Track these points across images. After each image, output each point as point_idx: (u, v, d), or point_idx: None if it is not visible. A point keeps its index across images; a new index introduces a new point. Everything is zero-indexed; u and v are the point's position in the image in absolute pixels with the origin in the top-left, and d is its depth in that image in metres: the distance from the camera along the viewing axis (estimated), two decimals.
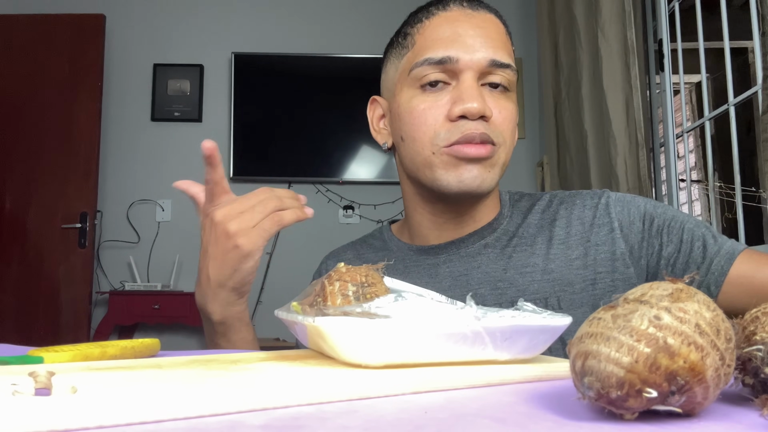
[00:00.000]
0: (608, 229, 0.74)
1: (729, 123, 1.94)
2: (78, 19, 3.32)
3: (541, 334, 0.41)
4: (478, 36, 0.71)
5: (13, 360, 0.43)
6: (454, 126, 0.70)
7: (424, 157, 0.72)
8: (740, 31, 2.23)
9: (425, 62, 0.71)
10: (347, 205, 3.44)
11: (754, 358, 0.30)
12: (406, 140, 0.74)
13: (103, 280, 3.35)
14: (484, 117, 0.70)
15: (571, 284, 0.72)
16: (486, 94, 0.71)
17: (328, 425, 0.27)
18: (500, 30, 0.75)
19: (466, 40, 0.71)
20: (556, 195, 0.81)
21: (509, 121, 0.73)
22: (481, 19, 0.73)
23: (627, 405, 0.26)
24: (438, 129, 0.71)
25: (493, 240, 0.77)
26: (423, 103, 0.72)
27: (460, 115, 0.69)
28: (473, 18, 0.73)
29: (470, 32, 0.71)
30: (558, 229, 0.76)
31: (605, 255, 0.73)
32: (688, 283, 0.30)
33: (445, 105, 0.71)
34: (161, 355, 0.55)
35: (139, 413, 0.27)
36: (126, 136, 3.45)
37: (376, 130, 0.82)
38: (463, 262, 0.77)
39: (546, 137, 2.97)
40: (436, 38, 0.72)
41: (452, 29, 0.71)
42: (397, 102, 0.75)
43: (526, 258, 0.75)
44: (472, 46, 0.70)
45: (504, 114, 0.72)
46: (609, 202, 0.76)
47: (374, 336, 0.38)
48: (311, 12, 3.53)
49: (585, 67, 2.47)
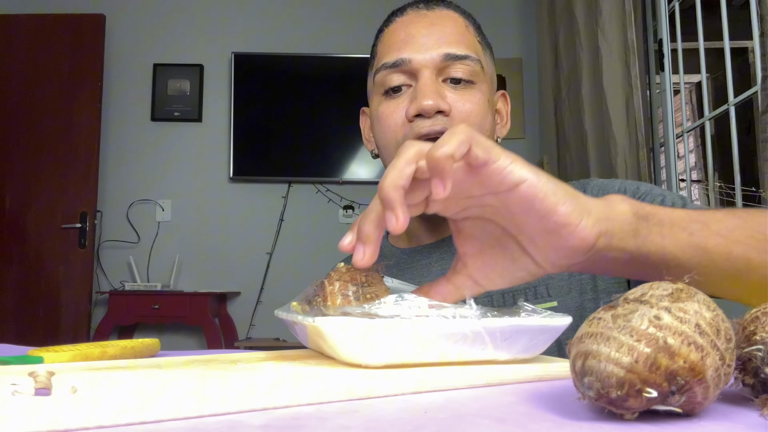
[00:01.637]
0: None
1: (729, 123, 1.94)
2: (78, 19, 3.32)
3: (541, 334, 0.41)
4: (431, 34, 0.71)
5: (13, 360, 0.43)
6: (410, 127, 0.70)
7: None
8: (740, 31, 2.23)
9: (382, 67, 0.72)
10: (347, 205, 3.44)
11: (754, 358, 0.30)
12: (380, 148, 0.76)
13: (103, 280, 3.35)
14: (442, 112, 0.68)
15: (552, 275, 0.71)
16: (447, 90, 0.71)
17: (328, 425, 0.27)
18: (457, 23, 0.74)
19: (419, 40, 0.71)
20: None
21: (474, 114, 0.71)
22: (436, 16, 0.73)
23: (627, 405, 0.26)
24: (398, 132, 0.71)
25: None
26: (387, 108, 0.72)
27: (416, 113, 0.69)
28: (426, 17, 0.73)
29: (423, 31, 0.72)
30: None
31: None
32: (688, 283, 0.30)
33: (404, 107, 0.71)
34: (161, 355, 0.55)
35: (139, 413, 0.27)
36: (126, 136, 3.45)
37: (367, 140, 0.84)
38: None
39: (546, 137, 2.97)
40: (392, 43, 0.73)
41: (405, 32, 0.72)
42: (373, 111, 0.77)
43: None
44: (425, 45, 0.70)
45: (467, 107, 0.70)
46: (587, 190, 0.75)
47: (374, 336, 0.38)
48: (311, 12, 3.53)
49: (585, 67, 2.47)
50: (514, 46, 3.53)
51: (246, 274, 3.36)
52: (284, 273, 3.33)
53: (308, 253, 3.34)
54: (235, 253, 3.38)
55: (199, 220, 3.40)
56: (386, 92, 0.73)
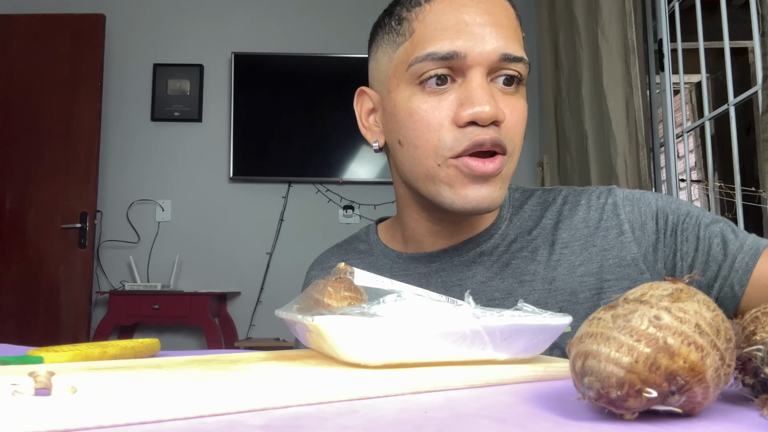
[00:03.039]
0: (617, 232, 0.67)
1: (729, 123, 1.94)
2: (78, 19, 3.32)
3: (541, 333, 0.41)
4: (487, 24, 0.61)
5: (13, 360, 0.43)
6: (462, 133, 0.60)
7: (426, 168, 0.63)
8: (740, 31, 2.23)
9: (428, 57, 0.61)
10: (347, 205, 3.44)
11: (754, 358, 0.30)
12: (405, 145, 0.65)
13: (103, 280, 3.35)
14: (496, 122, 0.61)
15: (574, 293, 0.65)
16: (497, 94, 0.62)
17: (328, 425, 0.27)
18: (511, 15, 0.65)
19: (474, 30, 0.61)
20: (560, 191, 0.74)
21: (521, 123, 0.64)
22: (490, 2, 0.63)
23: (627, 405, 0.26)
24: (443, 135, 0.61)
25: (489, 247, 0.70)
26: (425, 104, 0.62)
27: (470, 120, 0.60)
28: (481, 2, 0.62)
29: (478, 20, 0.61)
30: (561, 232, 0.69)
31: (614, 261, 0.66)
32: (688, 283, 0.30)
33: (451, 107, 0.61)
34: (161, 355, 0.55)
35: (139, 413, 0.27)
36: (126, 136, 3.45)
37: (366, 127, 0.72)
38: (456, 272, 0.70)
39: (546, 137, 2.97)
40: (439, 27, 0.61)
41: (457, 16, 0.61)
42: (393, 100, 0.65)
43: (526, 265, 0.68)
44: (481, 37, 0.60)
45: (516, 115, 0.63)
46: (617, 202, 0.68)
47: (374, 336, 0.38)
48: (311, 12, 3.53)
49: (585, 67, 2.47)
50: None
51: (246, 274, 3.36)
52: (284, 273, 3.33)
53: (308, 253, 3.33)
54: (235, 253, 3.38)
55: (199, 220, 3.40)
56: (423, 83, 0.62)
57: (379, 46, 0.69)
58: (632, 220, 0.67)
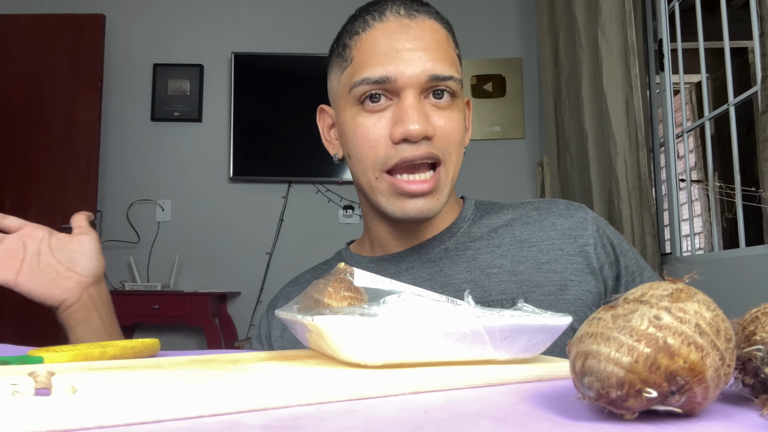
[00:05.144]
0: (582, 242, 0.73)
1: (729, 123, 1.94)
2: (78, 19, 3.32)
3: (541, 333, 0.41)
4: (416, 49, 0.68)
5: (13, 360, 0.43)
6: (395, 150, 0.67)
7: (368, 180, 0.71)
8: (740, 31, 2.24)
9: (363, 82, 0.68)
10: (347, 205, 3.44)
11: (754, 358, 0.30)
12: (353, 158, 0.73)
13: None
14: (427, 137, 0.67)
15: (540, 285, 0.70)
16: (430, 109, 0.68)
17: (328, 425, 0.27)
18: (440, 37, 0.71)
19: (404, 55, 0.67)
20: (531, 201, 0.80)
21: (455, 133, 0.70)
22: (419, 28, 0.69)
23: (627, 405, 0.26)
24: (379, 151, 0.68)
25: (453, 243, 0.76)
26: (367, 120, 0.69)
27: (402, 138, 0.66)
28: (410, 29, 0.69)
29: (407, 45, 0.68)
30: (530, 233, 0.74)
31: (578, 266, 0.72)
32: (688, 283, 0.30)
33: (388, 124, 0.68)
34: (161, 355, 0.55)
35: (139, 413, 0.27)
36: (126, 136, 3.45)
37: (328, 140, 0.80)
38: (425, 268, 0.75)
39: (546, 137, 2.97)
40: (374, 54, 0.68)
41: (388, 44, 0.68)
42: (342, 118, 0.73)
43: (492, 259, 0.73)
44: (410, 61, 0.67)
45: (450, 126, 0.69)
46: (587, 218, 0.75)
47: (374, 335, 0.38)
48: (311, 12, 3.53)
49: (585, 67, 2.47)
50: (514, 46, 3.53)
51: (246, 274, 3.36)
52: (284, 273, 3.32)
53: (308, 253, 3.33)
54: (235, 253, 3.38)
55: (199, 220, 3.40)
56: (362, 102, 0.69)
57: (331, 70, 0.77)
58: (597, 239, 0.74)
